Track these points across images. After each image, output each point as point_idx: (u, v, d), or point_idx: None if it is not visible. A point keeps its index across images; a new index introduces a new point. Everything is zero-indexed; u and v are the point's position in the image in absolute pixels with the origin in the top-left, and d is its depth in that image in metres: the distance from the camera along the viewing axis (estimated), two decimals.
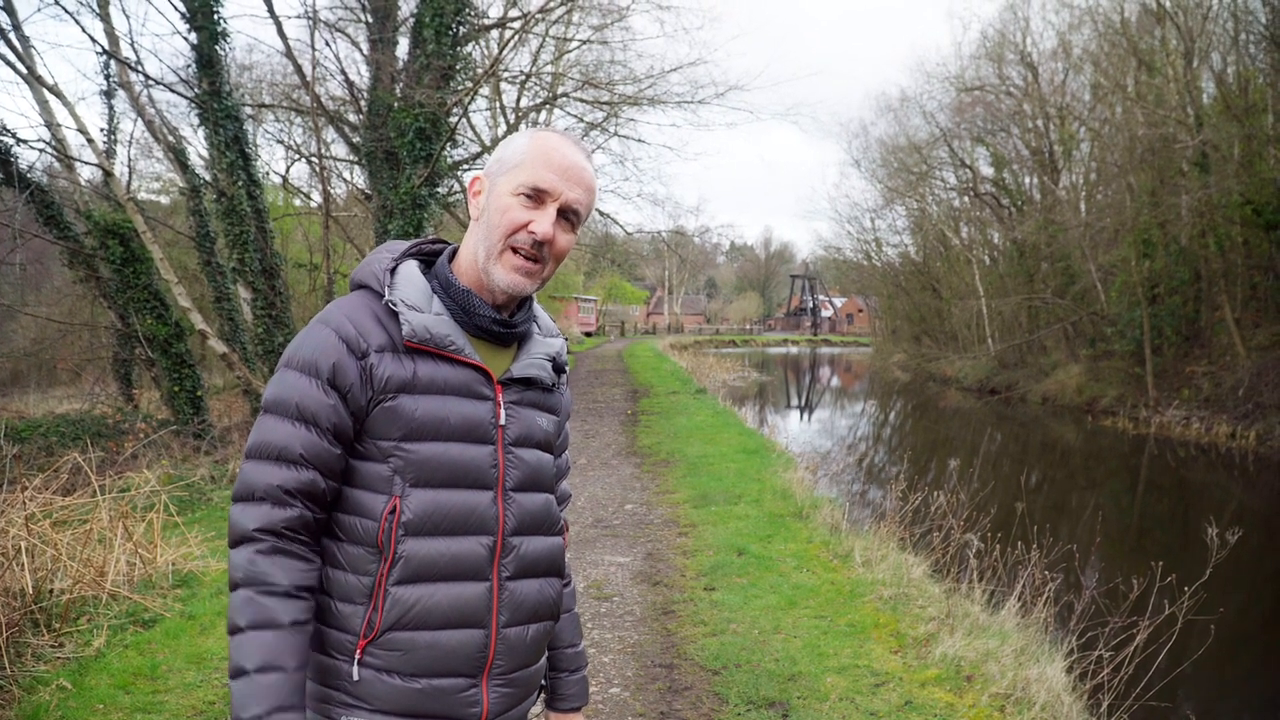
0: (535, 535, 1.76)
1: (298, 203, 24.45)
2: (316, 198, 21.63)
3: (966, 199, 41.93)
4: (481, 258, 1.71)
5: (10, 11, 12.91)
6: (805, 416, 29.99)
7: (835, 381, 48.97)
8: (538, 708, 1.93)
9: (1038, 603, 6.07)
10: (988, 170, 39.00)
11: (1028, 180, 36.86)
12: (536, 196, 1.68)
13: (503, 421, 1.71)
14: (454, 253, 1.80)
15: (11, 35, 12.78)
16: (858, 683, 4.87)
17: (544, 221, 1.68)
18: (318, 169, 18.26)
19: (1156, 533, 13.18)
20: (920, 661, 5.15)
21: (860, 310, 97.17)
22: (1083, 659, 5.32)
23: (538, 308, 1.87)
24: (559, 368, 1.85)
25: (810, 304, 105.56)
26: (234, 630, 1.54)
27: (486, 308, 1.72)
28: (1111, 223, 26.85)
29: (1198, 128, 23.40)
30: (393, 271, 1.71)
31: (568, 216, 1.72)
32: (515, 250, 1.68)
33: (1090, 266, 27.90)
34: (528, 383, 1.77)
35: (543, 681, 1.91)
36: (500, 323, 1.73)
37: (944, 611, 5.88)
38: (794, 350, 78.54)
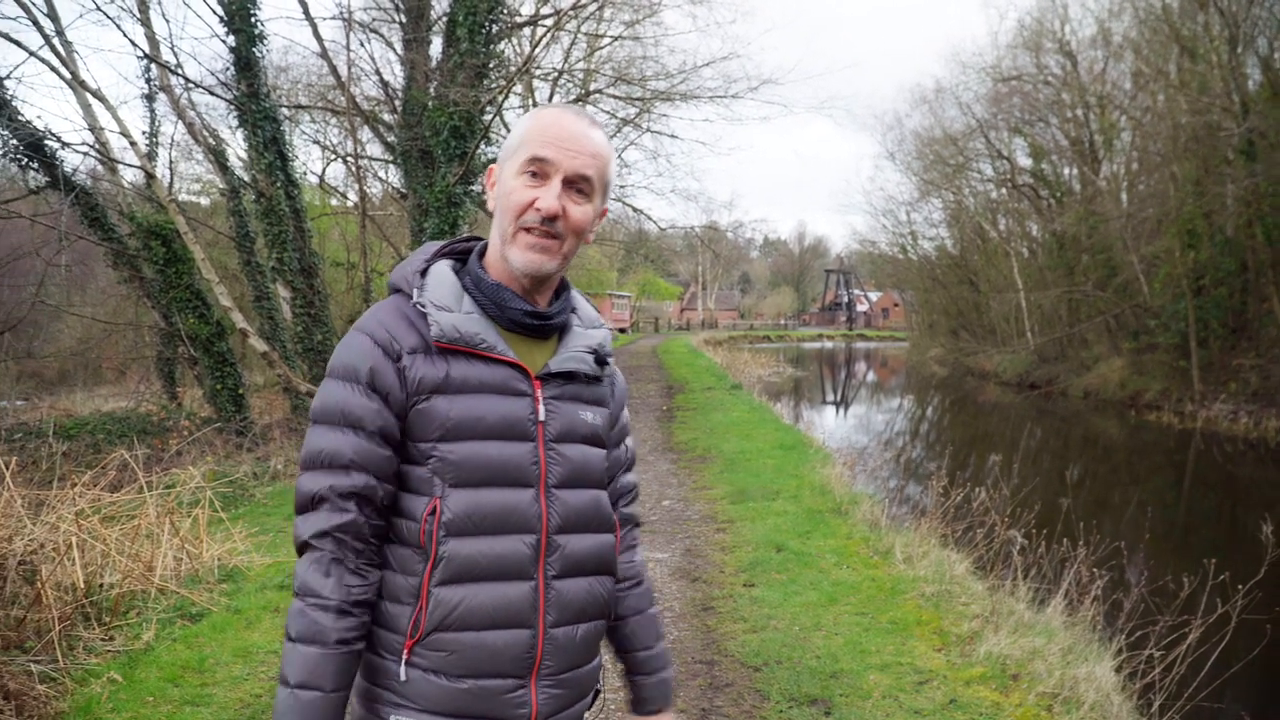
0: (582, 533, 1.71)
1: (334, 202, 24.64)
2: (353, 197, 21.81)
3: (1004, 191, 41.54)
4: (498, 245, 1.69)
5: (54, 17, 13.10)
6: (841, 412, 29.84)
7: (871, 376, 48.69)
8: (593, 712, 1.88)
9: (1084, 600, 5.99)
10: (1025, 161, 38.59)
11: (1067, 171, 36.39)
12: (540, 173, 1.64)
13: (542, 418, 1.67)
14: (485, 249, 1.78)
15: (55, 41, 12.95)
16: (901, 680, 4.83)
17: (548, 196, 1.63)
18: (353, 169, 18.40)
19: (1204, 530, 12.98)
20: (964, 659, 5.10)
21: (896, 304, 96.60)
22: (1132, 658, 5.24)
23: (578, 298, 1.84)
24: (601, 359, 1.78)
25: (845, 298, 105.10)
26: (287, 637, 1.60)
27: (518, 300, 1.69)
28: (1154, 213, 26.44)
29: (1244, 115, 22.97)
30: (424, 273, 1.70)
31: (578, 187, 1.67)
32: (528, 230, 1.65)
33: (1133, 258, 27.47)
34: (569, 376, 1.73)
35: (598, 685, 1.84)
36: (533, 315, 1.70)
37: (988, 609, 5.82)
38: (829, 345, 78.23)
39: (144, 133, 16.31)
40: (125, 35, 17.61)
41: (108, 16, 12.95)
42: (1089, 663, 5.03)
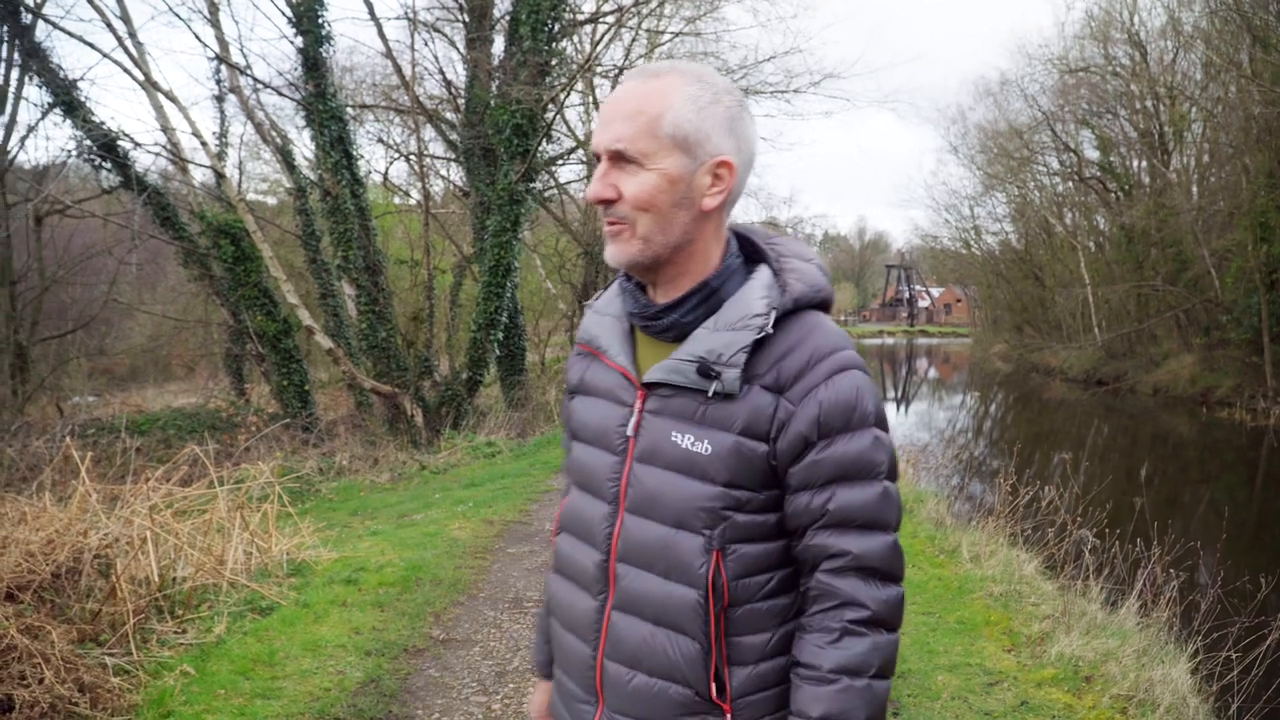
0: (645, 571, 1.50)
1: (397, 200, 24.94)
2: (416, 195, 22.04)
3: (1070, 184, 40.66)
4: None
5: (126, 20, 13.43)
6: (903, 409, 29.51)
7: (933, 373, 48.11)
8: None
9: (1159, 601, 5.85)
10: (1093, 154, 37.70)
11: (1136, 163, 35.52)
12: (598, 160, 1.49)
13: (630, 431, 1.51)
14: None
15: (128, 43, 13.28)
16: (970, 681, 4.75)
17: (592, 185, 1.47)
18: (417, 167, 18.62)
19: (1277, 529, 12.61)
20: (1035, 661, 5.01)
21: (959, 300, 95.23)
22: (1209, 660, 5.11)
23: (746, 288, 1.50)
24: (705, 369, 1.44)
25: (906, 294, 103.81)
26: None
27: (632, 299, 1.55)
28: (1226, 206, 25.74)
29: None
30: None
31: (622, 158, 1.44)
32: (607, 223, 1.49)
33: (1204, 252, 26.79)
34: (675, 389, 1.48)
35: None
36: (636, 314, 1.54)
37: (1059, 609, 5.70)
38: (890, 341, 77.47)
39: (214, 133, 16.68)
40: (196, 37, 18.02)
41: (179, 18, 13.30)
42: (1164, 665, 4.91)
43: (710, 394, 1.44)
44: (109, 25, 12.96)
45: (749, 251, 1.58)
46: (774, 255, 1.55)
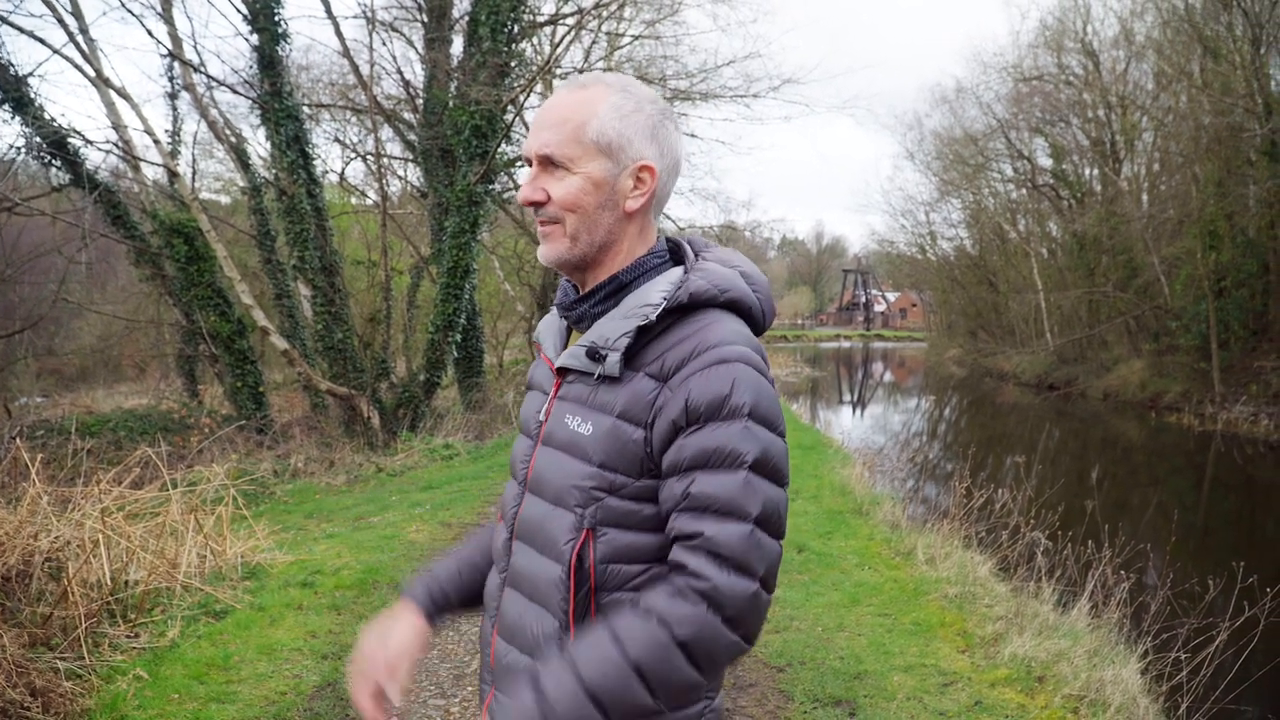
0: (529, 547, 1.55)
1: (354, 201, 24.70)
2: (373, 195, 21.86)
3: (1024, 191, 41.30)
4: None
5: (78, 15, 13.19)
6: (859, 412, 29.77)
7: (889, 377, 48.57)
8: None
9: (1109, 603, 5.95)
10: (1046, 161, 38.32)
11: (1088, 171, 36.14)
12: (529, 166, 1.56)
13: (542, 417, 1.59)
14: None
15: (79, 38, 13.05)
16: (925, 682, 4.81)
17: (522, 189, 1.55)
18: (374, 167, 18.46)
19: (1224, 532, 12.88)
20: (989, 661, 5.08)
21: (914, 305, 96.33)
22: (1158, 661, 5.21)
23: (648, 286, 1.53)
24: (594, 353, 1.49)
25: (863, 299, 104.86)
26: None
27: (565, 292, 1.61)
28: (1176, 214, 26.26)
29: (1267, 116, 22.78)
30: None
31: (550, 162, 1.51)
32: (539, 224, 1.57)
33: (1153, 259, 27.30)
34: (576, 374, 1.55)
35: None
36: (561, 307, 1.62)
37: (1012, 611, 5.79)
38: (846, 345, 78.17)
39: (167, 131, 16.43)
40: (149, 33, 17.60)
41: (131, 14, 13.07)
42: (1115, 665, 5.00)
43: (596, 377, 1.49)
44: (60, 20, 12.73)
45: (681, 258, 1.62)
46: (693, 260, 1.58)
